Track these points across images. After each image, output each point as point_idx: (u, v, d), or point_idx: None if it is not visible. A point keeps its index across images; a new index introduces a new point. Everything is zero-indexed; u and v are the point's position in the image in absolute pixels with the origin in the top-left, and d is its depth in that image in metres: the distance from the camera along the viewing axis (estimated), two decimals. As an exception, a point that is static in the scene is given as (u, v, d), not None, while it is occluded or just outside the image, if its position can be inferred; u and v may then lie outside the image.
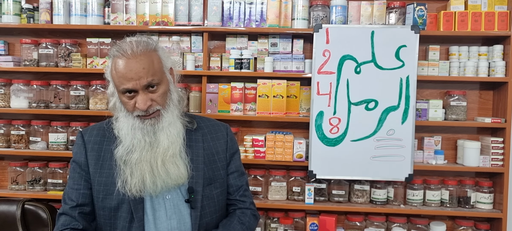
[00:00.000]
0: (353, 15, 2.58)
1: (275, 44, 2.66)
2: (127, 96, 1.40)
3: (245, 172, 1.65)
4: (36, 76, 2.77)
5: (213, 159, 1.54)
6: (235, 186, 1.59)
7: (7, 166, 2.78)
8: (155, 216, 1.44)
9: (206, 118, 1.64)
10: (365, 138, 2.51)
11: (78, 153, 1.51)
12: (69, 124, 2.69)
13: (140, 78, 1.36)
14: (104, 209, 1.46)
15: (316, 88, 2.52)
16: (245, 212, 1.59)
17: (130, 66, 1.36)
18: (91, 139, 1.51)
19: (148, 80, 1.37)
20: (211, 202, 1.51)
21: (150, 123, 1.41)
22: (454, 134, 2.74)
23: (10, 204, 2.44)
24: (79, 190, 1.47)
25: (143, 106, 1.38)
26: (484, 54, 2.59)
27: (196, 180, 1.47)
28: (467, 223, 2.60)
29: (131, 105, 1.40)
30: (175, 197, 1.46)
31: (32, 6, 2.70)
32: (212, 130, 1.58)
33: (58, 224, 1.46)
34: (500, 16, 2.51)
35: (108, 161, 1.46)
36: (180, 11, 2.62)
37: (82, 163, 1.49)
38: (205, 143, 1.54)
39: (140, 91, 1.38)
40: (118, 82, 1.39)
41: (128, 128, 1.42)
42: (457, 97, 2.62)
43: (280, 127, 2.77)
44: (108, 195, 1.44)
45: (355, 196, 2.64)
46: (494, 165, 2.55)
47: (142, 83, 1.37)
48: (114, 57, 1.40)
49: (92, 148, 1.49)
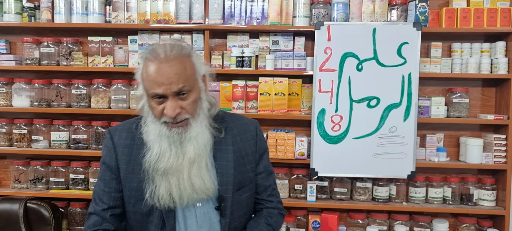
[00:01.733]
0: (354, 12, 2.58)
1: (277, 41, 2.66)
2: (156, 101, 1.35)
3: (273, 171, 1.62)
4: (38, 75, 2.77)
5: (243, 162, 1.50)
6: (263, 186, 1.57)
7: (10, 165, 2.78)
8: (187, 224, 1.43)
9: (235, 116, 1.58)
10: (367, 136, 2.51)
11: (108, 156, 1.47)
12: (71, 123, 2.70)
13: (171, 84, 1.30)
14: (135, 214, 1.45)
15: (317, 86, 2.51)
16: (272, 212, 1.57)
17: (161, 71, 1.31)
18: (121, 141, 1.47)
19: (179, 87, 1.31)
20: (240, 206, 1.49)
21: (177, 131, 1.36)
22: (456, 131, 2.73)
23: (13, 202, 2.45)
24: (111, 193, 1.46)
25: (171, 113, 1.33)
26: (486, 51, 2.58)
27: (226, 186, 1.44)
28: (470, 220, 2.59)
29: (159, 111, 1.35)
30: (206, 205, 1.45)
31: (33, 5, 2.70)
32: (241, 131, 1.53)
33: (89, 223, 1.45)
34: (503, 13, 2.50)
35: (138, 166, 1.42)
36: (181, 9, 2.61)
37: (113, 167, 1.46)
38: (235, 145, 1.49)
39: (170, 98, 1.33)
40: (148, 86, 1.34)
41: (155, 134, 1.38)
42: (460, 94, 2.61)
43: (281, 125, 2.76)
44: (139, 200, 1.42)
45: (357, 194, 2.63)
46: (497, 162, 2.54)
47: (172, 89, 1.31)
48: (146, 60, 1.35)
49: (122, 152, 1.46)
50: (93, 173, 2.66)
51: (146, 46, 2.66)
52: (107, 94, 2.67)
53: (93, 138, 2.66)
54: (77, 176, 2.67)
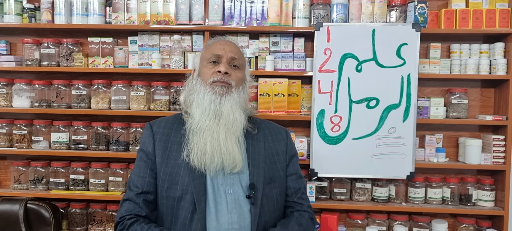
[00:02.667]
0: (354, 13, 2.58)
1: (276, 42, 2.67)
2: (211, 64, 1.55)
3: (303, 175, 1.70)
4: (38, 76, 2.77)
5: (274, 159, 1.59)
6: (294, 188, 1.62)
7: (10, 166, 2.79)
8: (217, 209, 1.46)
9: (267, 121, 1.71)
10: (366, 136, 2.52)
11: (146, 142, 1.57)
12: (71, 123, 2.70)
13: (230, 51, 1.56)
14: (167, 199, 1.50)
15: (317, 87, 2.52)
16: (303, 214, 1.60)
17: (224, 42, 1.60)
18: (160, 130, 1.57)
19: (235, 55, 1.56)
20: (270, 201, 1.53)
21: (220, 91, 1.50)
22: (455, 131, 2.74)
23: (13, 203, 2.45)
24: (145, 177, 1.53)
25: (223, 68, 1.52)
26: (485, 52, 2.59)
27: (257, 177, 1.51)
28: (469, 220, 2.60)
29: (210, 73, 1.53)
30: (237, 191, 1.49)
31: (33, 6, 2.70)
32: (272, 132, 1.65)
33: (122, 210, 1.52)
34: (501, 14, 2.51)
35: (174, 152, 1.52)
36: (181, 10, 2.62)
37: (150, 152, 1.54)
38: (266, 143, 1.60)
39: (224, 60, 1.54)
40: (208, 52, 1.57)
41: (198, 98, 1.51)
42: (459, 95, 2.62)
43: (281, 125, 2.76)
44: (173, 185, 1.49)
45: (357, 194, 2.64)
46: (496, 163, 2.55)
47: (229, 55, 1.55)
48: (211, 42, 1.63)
49: (160, 139, 1.55)
50: (93, 174, 2.66)
51: (146, 47, 2.67)
52: (107, 95, 2.67)
53: (93, 139, 2.67)
54: (77, 177, 2.67)
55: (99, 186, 2.65)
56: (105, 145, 2.68)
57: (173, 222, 1.49)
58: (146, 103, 2.64)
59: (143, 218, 1.50)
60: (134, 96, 2.63)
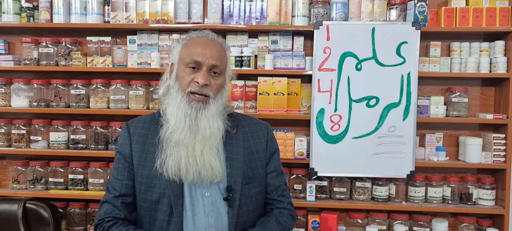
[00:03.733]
0: (353, 11, 2.57)
1: (276, 41, 2.66)
2: (189, 70, 1.45)
3: (284, 172, 1.65)
4: (37, 75, 2.76)
5: (253, 158, 1.54)
6: (274, 185, 1.59)
7: (8, 165, 2.78)
8: (194, 212, 1.46)
9: (247, 117, 1.65)
10: (366, 135, 2.51)
11: (123, 144, 1.53)
12: (70, 123, 2.69)
13: (211, 57, 1.45)
14: (145, 201, 1.49)
15: (317, 86, 2.51)
16: (282, 212, 1.58)
17: (206, 44, 1.47)
18: (136, 131, 1.53)
19: (216, 63, 1.45)
20: (249, 201, 1.51)
21: (196, 106, 1.44)
22: (455, 130, 2.73)
23: (12, 203, 2.44)
24: (123, 180, 1.51)
25: (202, 80, 1.42)
26: (485, 50, 2.58)
27: (235, 178, 1.48)
28: (469, 219, 2.60)
29: (188, 80, 1.44)
30: (214, 194, 1.47)
31: (32, 5, 2.70)
32: (252, 129, 1.59)
33: (101, 212, 1.50)
34: (502, 12, 2.50)
35: (151, 154, 1.48)
36: (180, 9, 2.61)
37: (127, 155, 1.51)
38: (246, 141, 1.54)
39: (204, 69, 1.44)
40: (188, 54, 1.46)
41: (174, 106, 1.45)
42: (459, 94, 2.61)
43: (281, 125, 2.76)
44: (150, 188, 1.47)
45: (357, 193, 2.63)
46: (496, 162, 2.54)
47: (210, 62, 1.44)
48: (190, 38, 1.51)
49: (137, 141, 1.51)
50: (92, 173, 2.65)
51: (145, 46, 2.66)
52: (106, 94, 2.66)
53: (92, 138, 2.66)
54: (76, 177, 2.66)
55: (98, 186, 2.64)
56: (104, 144, 2.67)
57: (151, 224, 1.48)
58: (145, 102, 2.63)
59: (121, 220, 1.48)
60: (133, 95, 2.62)
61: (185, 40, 1.52)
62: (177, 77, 1.48)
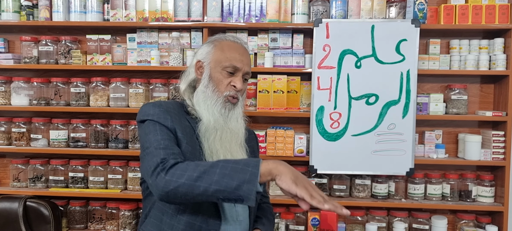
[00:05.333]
0: (353, 9, 2.58)
1: (275, 39, 2.66)
2: (227, 74, 1.52)
3: None
4: (36, 74, 2.77)
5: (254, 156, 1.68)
6: None
7: (9, 164, 2.79)
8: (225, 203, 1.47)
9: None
10: (366, 133, 2.51)
11: (162, 117, 1.43)
12: (70, 121, 2.70)
13: (247, 65, 1.55)
14: None
15: (316, 83, 2.51)
16: (270, 206, 1.76)
17: (243, 51, 1.56)
18: (170, 109, 1.47)
19: (248, 70, 1.56)
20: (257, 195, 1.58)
21: (229, 107, 1.53)
22: (455, 127, 2.73)
23: (12, 201, 2.45)
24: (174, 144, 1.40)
25: (240, 85, 1.52)
26: (485, 47, 2.59)
27: None
28: (469, 216, 2.60)
29: (225, 83, 1.52)
30: None
31: (31, 3, 2.69)
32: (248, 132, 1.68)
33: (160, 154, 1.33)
34: (501, 9, 2.50)
35: (189, 135, 1.46)
36: (179, 7, 2.61)
37: (170, 126, 1.42)
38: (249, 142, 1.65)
39: (240, 75, 1.53)
40: (227, 58, 1.52)
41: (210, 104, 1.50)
42: (458, 91, 2.61)
43: (280, 122, 2.77)
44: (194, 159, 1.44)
45: (356, 191, 2.64)
46: (495, 159, 2.55)
47: (245, 69, 1.54)
48: (225, 40, 1.57)
49: (174, 117, 1.45)
50: (93, 171, 2.66)
51: (144, 44, 2.66)
52: (106, 92, 2.67)
53: (92, 136, 2.66)
54: (77, 175, 2.67)
55: (99, 184, 2.65)
56: (104, 142, 2.67)
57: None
58: (145, 100, 2.64)
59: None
60: (133, 93, 2.62)
61: (217, 42, 1.57)
62: (211, 78, 1.53)
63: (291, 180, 1.23)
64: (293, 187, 1.22)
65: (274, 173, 1.25)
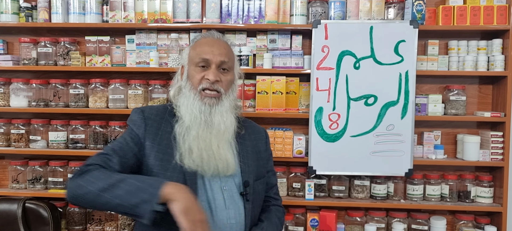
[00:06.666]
0: (351, 10, 2.58)
1: (274, 40, 2.66)
2: (199, 69, 1.51)
3: (276, 172, 1.80)
4: (35, 75, 2.77)
5: (259, 157, 1.64)
6: (271, 184, 1.72)
7: (8, 165, 2.78)
8: (216, 205, 1.47)
9: (248, 120, 1.73)
10: (364, 134, 2.52)
11: (138, 125, 1.49)
12: (69, 122, 2.70)
13: (219, 54, 1.51)
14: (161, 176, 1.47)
15: (315, 84, 2.52)
16: (279, 209, 1.71)
17: (213, 43, 1.54)
18: (151, 116, 1.53)
19: (224, 59, 1.51)
20: (258, 197, 1.60)
21: (209, 102, 1.49)
22: (453, 128, 2.74)
23: (11, 203, 2.45)
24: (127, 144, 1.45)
25: (212, 77, 1.48)
26: (483, 48, 2.59)
27: (248, 174, 1.55)
28: (467, 217, 2.61)
29: (198, 78, 1.50)
30: (231, 188, 1.51)
31: (30, 4, 2.70)
32: (254, 131, 1.68)
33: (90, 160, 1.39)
34: (499, 10, 2.51)
35: (165, 140, 1.48)
36: (178, 8, 2.61)
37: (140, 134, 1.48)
38: (251, 141, 1.63)
39: (213, 67, 1.50)
40: (197, 54, 1.52)
41: (187, 104, 1.49)
42: (457, 92, 2.62)
43: (279, 123, 2.77)
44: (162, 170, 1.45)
45: (355, 192, 2.64)
46: (494, 159, 2.55)
47: (218, 58, 1.50)
48: (198, 40, 1.58)
49: (152, 125, 1.50)
50: (92, 173, 2.66)
51: (143, 45, 2.66)
52: (105, 94, 2.67)
53: (91, 138, 2.66)
54: (76, 176, 2.66)
55: (98, 185, 2.65)
56: (103, 144, 2.67)
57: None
58: (144, 102, 2.64)
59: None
60: (132, 95, 2.62)
61: (193, 42, 1.59)
62: (188, 77, 1.53)
63: (181, 210, 1.22)
64: (180, 218, 1.22)
65: (170, 198, 1.25)
